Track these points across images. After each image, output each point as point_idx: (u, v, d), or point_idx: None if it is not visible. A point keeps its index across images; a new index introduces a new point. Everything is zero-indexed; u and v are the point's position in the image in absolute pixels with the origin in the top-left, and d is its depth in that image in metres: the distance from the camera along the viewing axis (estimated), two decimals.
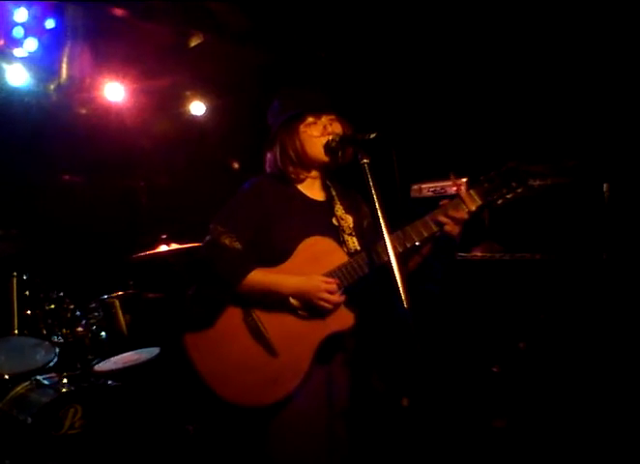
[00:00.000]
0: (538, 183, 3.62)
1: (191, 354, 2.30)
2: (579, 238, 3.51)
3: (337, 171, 2.58)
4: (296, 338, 2.29)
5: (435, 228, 2.32)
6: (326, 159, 2.44)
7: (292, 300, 2.31)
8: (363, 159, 2.19)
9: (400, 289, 1.99)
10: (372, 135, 2.23)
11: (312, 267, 2.33)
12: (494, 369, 3.74)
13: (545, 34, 3.78)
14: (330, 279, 2.30)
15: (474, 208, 2.31)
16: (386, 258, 2.11)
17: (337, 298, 2.28)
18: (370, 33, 4.31)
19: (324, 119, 2.45)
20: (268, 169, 2.56)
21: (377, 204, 2.11)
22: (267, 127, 2.58)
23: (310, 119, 2.45)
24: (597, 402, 3.27)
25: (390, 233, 2.09)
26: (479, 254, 3.88)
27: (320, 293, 2.26)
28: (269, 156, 2.54)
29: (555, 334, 3.53)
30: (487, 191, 2.31)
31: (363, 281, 2.34)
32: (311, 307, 2.29)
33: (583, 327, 3.41)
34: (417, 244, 2.33)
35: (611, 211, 3.38)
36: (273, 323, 2.30)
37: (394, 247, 2.16)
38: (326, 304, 2.27)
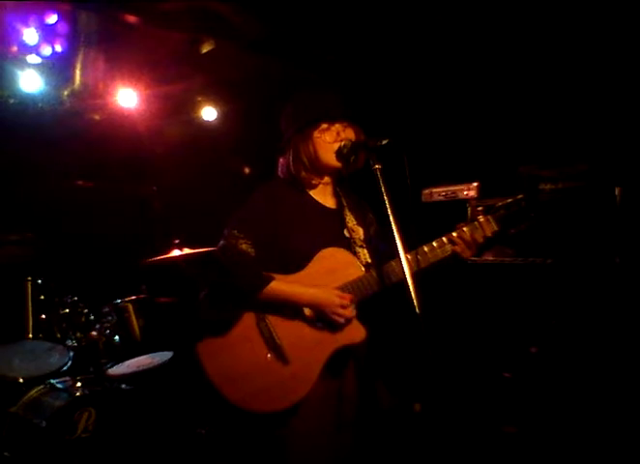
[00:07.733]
0: (549, 187, 3.63)
1: (202, 357, 2.29)
2: (591, 242, 3.49)
3: (348, 177, 2.60)
4: (307, 348, 2.29)
5: (450, 250, 2.37)
6: (338, 164, 2.45)
7: (307, 310, 2.33)
8: (375, 165, 2.21)
9: (412, 295, 2.01)
10: (384, 142, 2.24)
11: (328, 278, 2.34)
12: (505, 374, 3.73)
13: (558, 40, 3.78)
14: (344, 294, 2.31)
15: (490, 233, 2.40)
16: (398, 277, 2.24)
17: (350, 312, 2.31)
18: (382, 39, 4.32)
19: (337, 125, 2.47)
20: (280, 175, 2.56)
21: (390, 210, 2.13)
22: (280, 132, 2.59)
23: (324, 125, 2.46)
24: (609, 408, 3.25)
25: (402, 240, 2.11)
26: (490, 258, 3.87)
27: (334, 307, 2.28)
28: (281, 161, 2.56)
29: (567, 340, 3.52)
30: (504, 218, 2.40)
31: (376, 297, 2.36)
32: (325, 319, 2.31)
33: (595, 332, 3.40)
34: (430, 264, 2.37)
35: (623, 215, 3.37)
36: (285, 330, 2.30)
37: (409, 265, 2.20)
38: (338, 318, 2.29)
